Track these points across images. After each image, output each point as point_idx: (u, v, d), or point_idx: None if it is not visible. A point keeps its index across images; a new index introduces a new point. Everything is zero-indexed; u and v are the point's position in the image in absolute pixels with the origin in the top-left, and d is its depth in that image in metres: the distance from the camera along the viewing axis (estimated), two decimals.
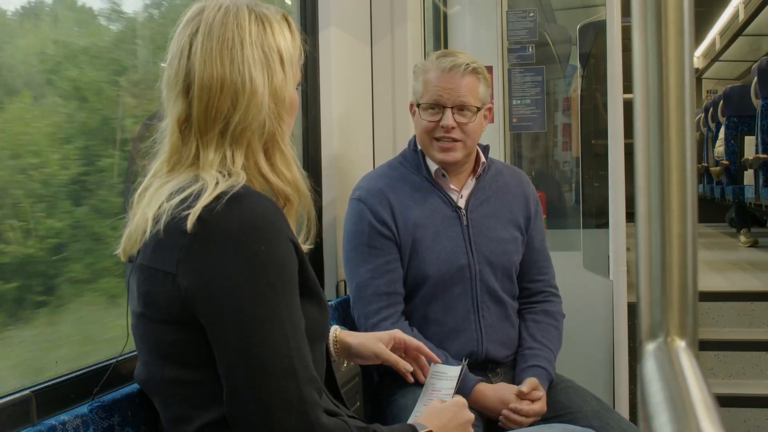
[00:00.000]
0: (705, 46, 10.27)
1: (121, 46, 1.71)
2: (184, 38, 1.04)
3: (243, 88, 1.01)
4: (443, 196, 1.78)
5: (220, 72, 1.01)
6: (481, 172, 1.82)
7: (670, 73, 0.51)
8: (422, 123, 1.75)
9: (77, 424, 1.04)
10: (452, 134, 1.72)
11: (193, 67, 1.01)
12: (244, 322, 0.94)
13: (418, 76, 1.79)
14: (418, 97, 1.77)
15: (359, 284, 1.72)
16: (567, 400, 1.71)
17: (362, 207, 1.74)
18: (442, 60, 1.75)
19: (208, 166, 1.00)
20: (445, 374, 1.43)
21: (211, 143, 1.01)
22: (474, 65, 1.75)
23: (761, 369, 2.99)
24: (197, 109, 1.01)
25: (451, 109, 1.72)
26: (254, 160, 1.04)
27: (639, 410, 0.53)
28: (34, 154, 1.42)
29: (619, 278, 2.34)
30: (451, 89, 1.72)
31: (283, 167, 1.06)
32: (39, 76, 1.46)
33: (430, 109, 1.74)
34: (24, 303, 1.39)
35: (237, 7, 1.05)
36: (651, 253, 0.52)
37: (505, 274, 1.80)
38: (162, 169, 1.04)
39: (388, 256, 1.72)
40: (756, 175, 4.68)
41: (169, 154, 1.04)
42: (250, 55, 1.02)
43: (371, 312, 1.70)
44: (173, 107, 1.03)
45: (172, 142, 1.03)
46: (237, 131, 1.01)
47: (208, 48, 1.01)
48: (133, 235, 1.01)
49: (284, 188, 1.05)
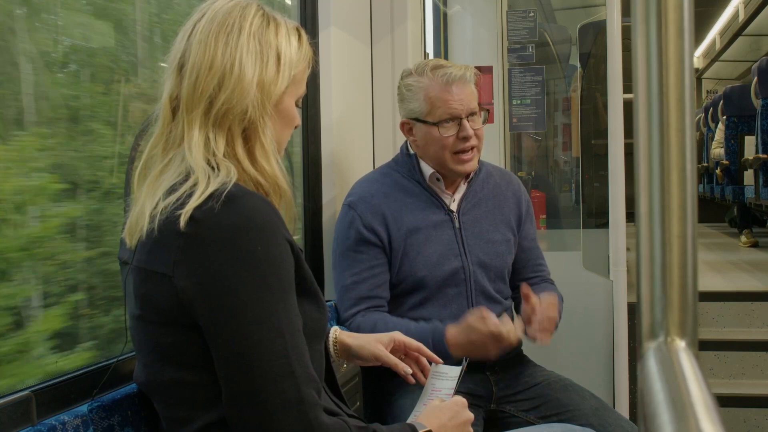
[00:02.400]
0: (705, 46, 10.27)
1: None
2: (190, 22, 1.07)
3: (230, 72, 1.02)
4: (436, 200, 1.79)
5: (212, 53, 1.03)
6: (473, 175, 1.84)
7: (670, 73, 0.51)
8: (441, 140, 1.72)
9: (77, 424, 1.04)
10: (471, 142, 1.73)
11: (190, 47, 1.04)
12: (241, 322, 0.94)
13: (414, 93, 1.75)
14: (424, 115, 1.74)
15: (342, 288, 1.75)
16: (566, 398, 1.71)
17: (352, 213, 1.76)
18: (438, 72, 1.73)
19: (195, 148, 1.00)
20: (446, 374, 1.43)
21: (195, 122, 1.02)
22: (471, 72, 1.76)
23: (761, 369, 2.99)
24: (186, 86, 1.03)
25: (466, 117, 1.73)
26: (233, 145, 1.04)
27: (639, 410, 0.53)
28: None
29: (619, 278, 2.34)
30: (462, 99, 1.72)
31: (262, 159, 1.06)
32: None
33: (446, 123, 1.72)
34: None
35: (248, 3, 1.08)
36: (651, 253, 0.52)
37: (499, 276, 1.81)
38: (157, 145, 1.06)
39: (372, 261, 1.74)
40: (756, 175, 4.68)
41: (161, 129, 1.06)
42: (244, 43, 1.04)
43: (351, 315, 1.72)
44: (167, 84, 1.06)
45: (164, 117, 1.05)
46: (219, 113, 1.02)
47: (206, 30, 1.04)
48: (134, 226, 1.01)
49: (260, 179, 1.05)
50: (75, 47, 1.50)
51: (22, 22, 1.37)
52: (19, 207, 1.33)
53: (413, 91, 1.75)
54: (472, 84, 1.75)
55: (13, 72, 1.33)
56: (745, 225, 5.49)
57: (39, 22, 1.43)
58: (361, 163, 2.22)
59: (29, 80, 1.36)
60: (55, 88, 1.46)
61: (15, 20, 1.34)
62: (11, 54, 1.33)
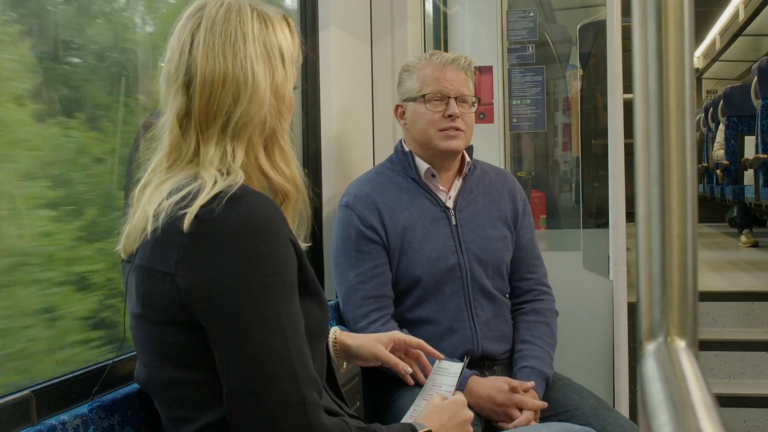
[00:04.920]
0: (705, 46, 10.26)
1: None
2: (185, 33, 1.03)
3: (245, 84, 1.01)
4: (431, 197, 1.80)
5: (222, 67, 1.00)
6: (467, 171, 1.84)
7: (670, 73, 0.51)
8: (427, 115, 1.78)
9: (77, 424, 1.04)
10: (457, 123, 1.76)
11: (195, 62, 1.01)
12: (244, 323, 0.94)
13: (411, 74, 1.82)
14: (415, 92, 1.80)
15: (348, 288, 1.74)
16: (565, 397, 1.71)
17: (350, 213, 1.76)
18: (436, 57, 1.81)
19: (208, 163, 0.99)
20: (447, 370, 1.44)
21: (212, 138, 1.00)
22: (468, 61, 1.82)
23: (761, 369, 2.99)
24: (198, 104, 1.00)
25: (455, 99, 1.77)
26: (255, 156, 1.03)
27: (639, 410, 0.53)
28: None
29: (619, 278, 2.34)
30: (453, 80, 1.78)
31: (282, 164, 1.06)
32: None
33: (434, 100, 1.78)
34: None
35: (239, 5, 1.05)
36: (651, 253, 0.52)
37: (496, 272, 1.81)
38: (161, 165, 1.04)
39: (376, 260, 1.74)
40: (756, 175, 4.68)
41: (168, 149, 1.03)
42: (252, 51, 1.02)
43: (360, 316, 1.72)
44: (173, 102, 1.03)
45: (172, 137, 1.03)
46: (238, 127, 1.01)
47: (210, 43, 1.01)
48: (133, 232, 1.01)
49: (284, 185, 1.05)
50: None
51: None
52: None
53: (409, 72, 1.84)
54: (465, 72, 1.81)
55: None
56: (745, 225, 5.49)
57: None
58: (361, 163, 2.22)
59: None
60: None
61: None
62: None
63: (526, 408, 1.62)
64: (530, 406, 1.62)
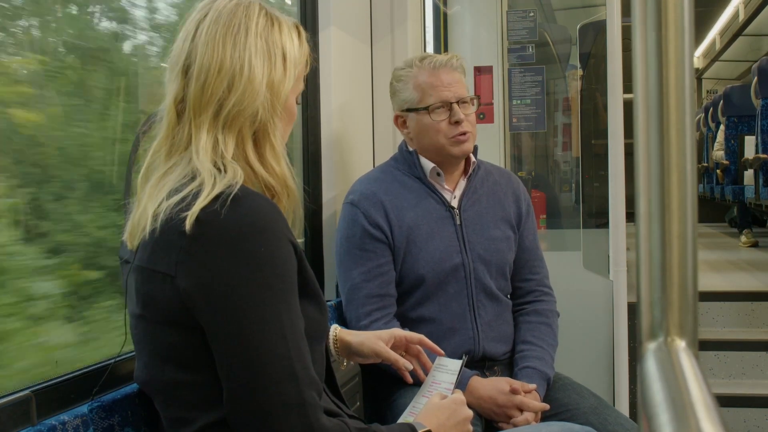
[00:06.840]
0: (705, 46, 10.26)
1: None
2: (191, 23, 1.05)
3: (240, 73, 1.02)
4: (436, 196, 1.80)
5: (220, 55, 1.02)
6: (472, 171, 1.84)
7: (670, 73, 0.51)
8: (434, 125, 1.76)
9: (77, 424, 1.04)
10: (464, 127, 1.76)
11: (195, 49, 1.03)
12: (243, 324, 0.94)
13: (405, 83, 1.80)
14: (416, 103, 1.78)
15: (351, 287, 1.74)
16: (565, 397, 1.71)
17: (355, 211, 1.76)
18: (427, 60, 1.78)
19: (202, 151, 1.00)
20: (446, 367, 1.44)
21: (204, 125, 1.01)
22: (457, 59, 1.80)
23: (761, 369, 2.99)
24: (193, 89, 1.02)
25: (456, 103, 1.76)
26: (243, 147, 1.04)
27: (639, 410, 0.53)
28: None
29: (619, 278, 2.34)
30: (450, 84, 1.77)
31: (272, 161, 1.06)
32: None
33: (438, 109, 1.76)
34: None
35: (249, 2, 1.07)
36: (651, 253, 0.52)
37: (500, 272, 1.81)
38: (161, 149, 1.05)
39: (380, 259, 1.73)
40: (756, 175, 4.68)
41: (165, 133, 1.05)
42: (252, 44, 1.03)
43: (363, 314, 1.71)
44: (171, 86, 1.05)
45: (168, 121, 1.04)
46: (230, 116, 1.01)
47: (212, 32, 1.03)
48: (136, 227, 1.01)
49: (270, 180, 1.05)
50: None
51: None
52: None
53: (403, 81, 1.80)
54: (458, 71, 1.79)
55: None
56: (745, 225, 5.49)
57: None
58: (361, 163, 2.22)
59: None
60: None
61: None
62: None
63: (527, 410, 1.62)
64: (532, 408, 1.62)
